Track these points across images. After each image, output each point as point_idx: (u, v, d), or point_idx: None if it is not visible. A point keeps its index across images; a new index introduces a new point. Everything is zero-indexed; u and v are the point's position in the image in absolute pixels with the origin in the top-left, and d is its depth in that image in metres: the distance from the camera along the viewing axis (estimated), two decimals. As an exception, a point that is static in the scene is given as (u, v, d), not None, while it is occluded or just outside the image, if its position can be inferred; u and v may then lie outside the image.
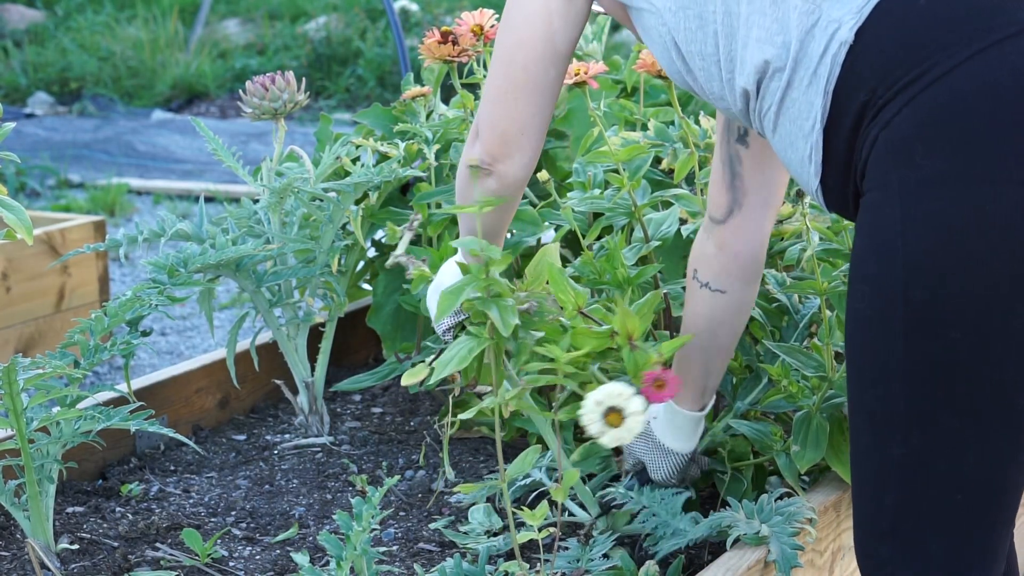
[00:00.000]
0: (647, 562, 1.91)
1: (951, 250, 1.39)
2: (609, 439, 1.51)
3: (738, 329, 1.98)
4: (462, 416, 1.86)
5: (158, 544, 2.16)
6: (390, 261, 2.10)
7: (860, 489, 1.57)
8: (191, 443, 2.24)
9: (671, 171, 2.40)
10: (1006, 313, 1.40)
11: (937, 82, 1.40)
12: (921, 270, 1.41)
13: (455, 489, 2.00)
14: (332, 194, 2.50)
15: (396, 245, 2.54)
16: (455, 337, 1.80)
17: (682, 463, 2.05)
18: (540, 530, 1.74)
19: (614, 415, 1.52)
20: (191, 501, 2.35)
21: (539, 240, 2.68)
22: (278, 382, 2.70)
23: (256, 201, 2.59)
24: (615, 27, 7.02)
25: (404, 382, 1.77)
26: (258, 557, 2.13)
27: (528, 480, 2.22)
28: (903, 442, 1.49)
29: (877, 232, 1.44)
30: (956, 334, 1.41)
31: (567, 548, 1.98)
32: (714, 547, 2.06)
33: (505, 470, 1.89)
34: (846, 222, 2.08)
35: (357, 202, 2.60)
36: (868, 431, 1.52)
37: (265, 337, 2.74)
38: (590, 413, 1.51)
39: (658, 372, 1.57)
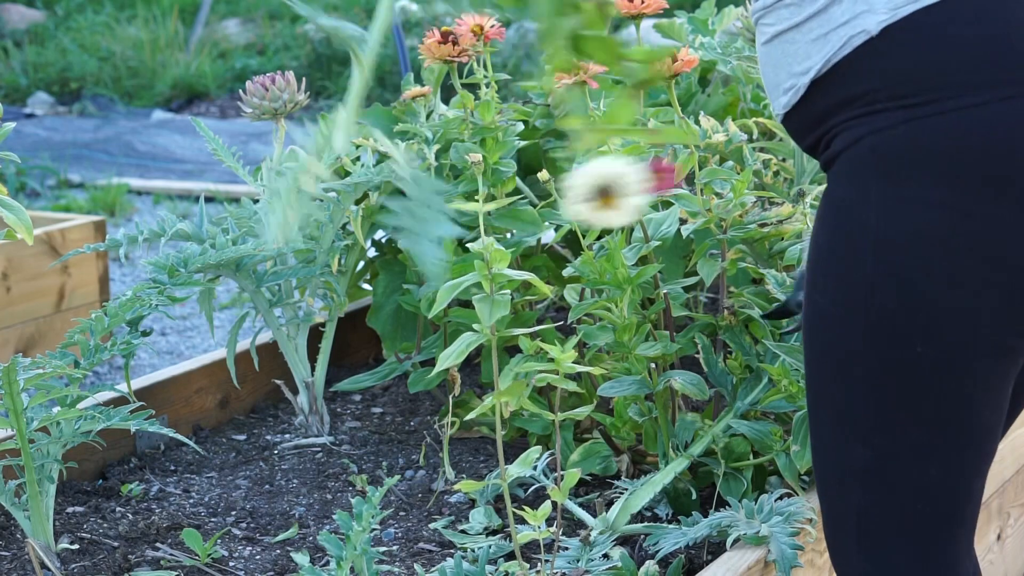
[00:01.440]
0: (647, 562, 1.91)
1: (926, 268, 1.39)
2: (603, 219, 1.25)
3: None
4: (462, 416, 1.87)
5: (158, 544, 2.16)
6: None
7: (825, 487, 1.56)
8: (191, 443, 2.24)
9: (671, 171, 2.40)
10: (972, 330, 1.40)
11: (952, 114, 1.38)
12: (892, 281, 1.41)
13: (455, 488, 2.00)
14: (332, 194, 2.50)
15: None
16: None
17: None
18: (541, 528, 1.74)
19: (607, 198, 1.28)
20: (191, 501, 2.35)
21: (539, 240, 2.68)
22: (278, 382, 2.70)
23: (256, 201, 2.59)
24: (615, 26, 7.00)
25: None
26: (258, 557, 2.13)
27: (528, 474, 2.22)
28: (865, 442, 1.48)
29: (848, 235, 1.44)
30: (921, 347, 1.41)
31: (567, 548, 1.98)
32: (713, 547, 2.06)
33: (506, 470, 1.89)
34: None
35: (357, 202, 2.60)
36: (830, 426, 1.51)
37: (265, 337, 2.74)
38: (579, 190, 1.25)
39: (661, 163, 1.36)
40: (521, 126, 2.57)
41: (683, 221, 2.35)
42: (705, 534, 1.93)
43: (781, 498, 1.99)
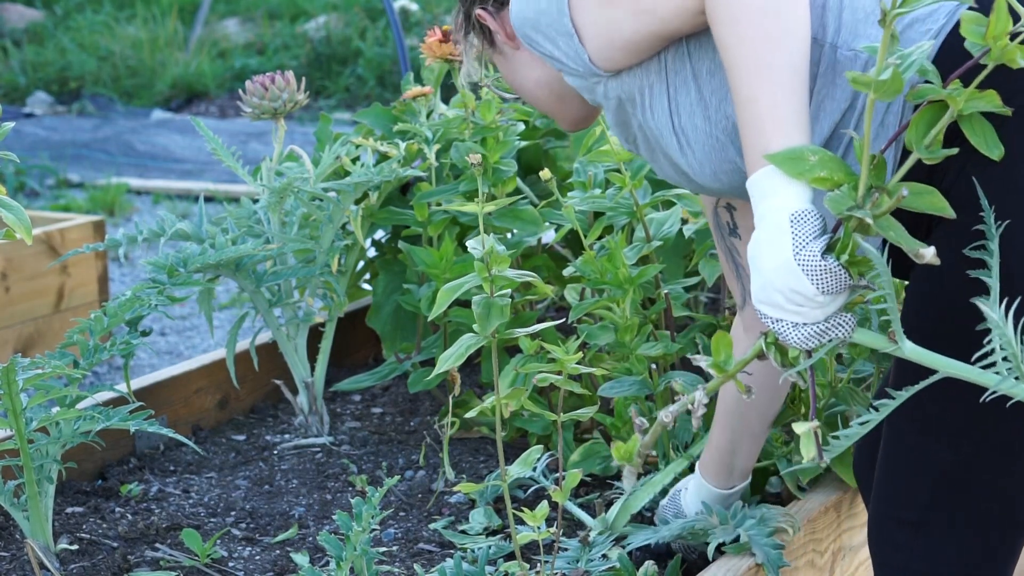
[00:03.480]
0: (646, 562, 1.91)
1: None
2: None
3: (767, 415, 1.97)
4: (462, 416, 1.86)
5: (158, 544, 2.16)
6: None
7: (891, 477, 1.58)
8: (191, 443, 2.24)
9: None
10: None
11: None
12: None
13: (455, 488, 2.00)
14: (332, 194, 2.50)
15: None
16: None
17: None
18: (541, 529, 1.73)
19: None
20: (191, 501, 2.35)
21: (539, 240, 2.68)
22: (278, 382, 2.70)
23: (256, 201, 2.59)
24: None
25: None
26: (258, 557, 2.13)
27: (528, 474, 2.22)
28: (954, 448, 1.51)
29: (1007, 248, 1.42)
30: None
31: (567, 549, 1.98)
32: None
33: (506, 470, 1.89)
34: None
35: (357, 202, 2.60)
36: (917, 431, 1.52)
37: (265, 337, 2.74)
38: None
39: None
40: (522, 126, 2.57)
41: (684, 221, 2.35)
42: (676, 535, 1.94)
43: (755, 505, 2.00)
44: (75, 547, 2.14)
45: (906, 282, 1.59)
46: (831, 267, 1.33)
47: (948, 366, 1.37)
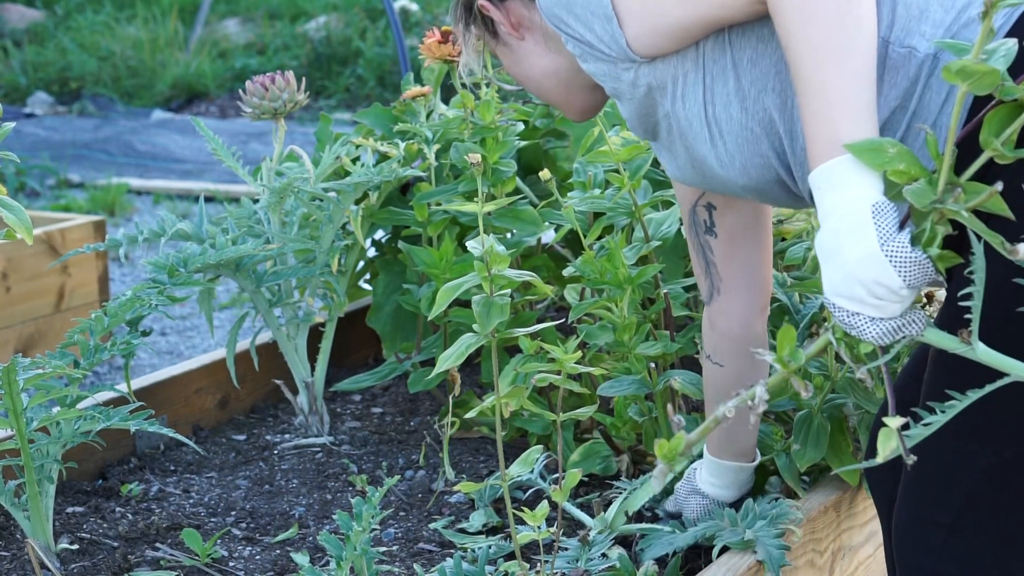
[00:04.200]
0: (646, 562, 1.91)
1: None
2: None
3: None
4: (462, 416, 1.86)
5: (158, 544, 2.16)
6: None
7: (924, 478, 1.57)
8: (191, 443, 2.24)
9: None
10: None
11: None
12: None
13: (455, 488, 2.00)
14: (332, 194, 2.50)
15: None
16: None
17: (713, 507, 2.05)
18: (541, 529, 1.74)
19: None
20: (191, 501, 2.35)
21: (539, 240, 2.68)
22: (278, 382, 2.70)
23: (256, 201, 2.59)
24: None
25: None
26: (258, 557, 2.13)
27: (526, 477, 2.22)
28: (995, 453, 1.50)
29: None
30: None
31: (567, 548, 1.98)
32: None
33: (506, 470, 1.89)
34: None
35: (357, 202, 2.60)
36: (957, 434, 1.49)
37: (265, 337, 2.74)
38: None
39: None
40: (521, 126, 2.57)
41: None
42: (691, 542, 1.95)
43: (769, 501, 2.00)
44: (75, 547, 2.14)
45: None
46: (920, 259, 1.31)
47: (1021, 371, 1.34)
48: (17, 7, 10.53)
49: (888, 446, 1.31)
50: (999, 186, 1.28)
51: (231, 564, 2.10)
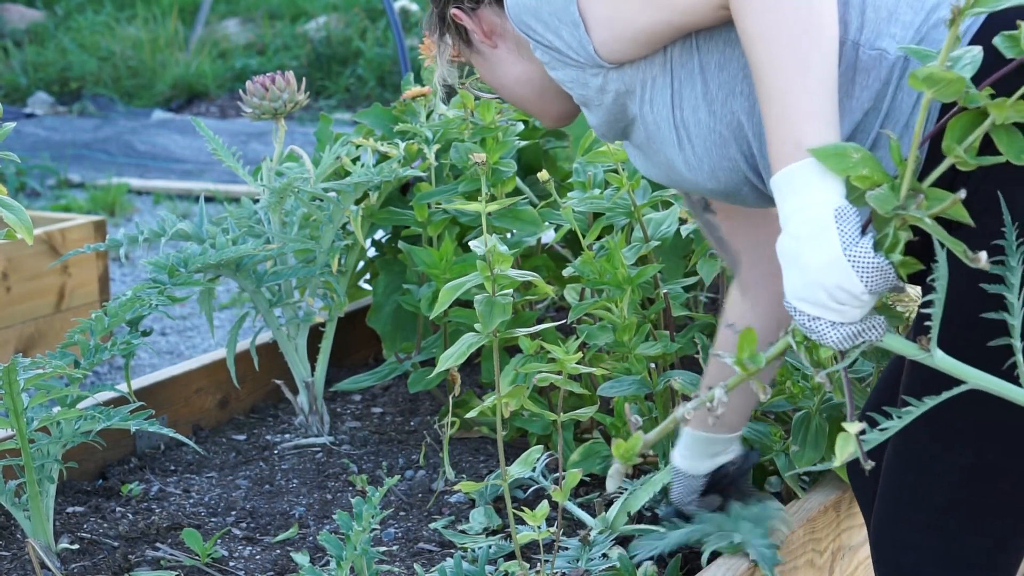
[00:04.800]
0: (645, 562, 1.92)
1: None
2: None
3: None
4: (462, 416, 1.86)
5: (158, 544, 2.16)
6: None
7: (903, 478, 1.57)
8: (191, 443, 2.24)
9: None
10: None
11: None
12: None
13: (455, 488, 2.00)
14: (332, 194, 2.50)
15: None
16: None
17: (692, 485, 2.00)
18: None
19: None
20: (191, 501, 2.35)
21: (539, 240, 2.68)
22: (278, 382, 2.70)
23: (256, 201, 2.59)
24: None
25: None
26: (258, 557, 2.13)
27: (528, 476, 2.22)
28: (977, 454, 1.50)
29: None
30: None
31: (567, 548, 1.98)
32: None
33: (506, 470, 1.89)
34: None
35: (357, 202, 2.60)
36: (934, 435, 1.50)
37: (265, 337, 2.74)
38: None
39: None
40: (521, 126, 2.57)
41: (683, 221, 2.35)
42: (680, 543, 1.93)
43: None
44: (76, 546, 2.14)
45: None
46: (882, 265, 1.31)
47: (978, 379, 1.35)
48: (17, 7, 10.53)
49: (845, 451, 1.32)
50: (962, 194, 1.28)
51: (231, 564, 2.11)
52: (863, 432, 1.34)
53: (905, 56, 1.50)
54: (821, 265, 1.33)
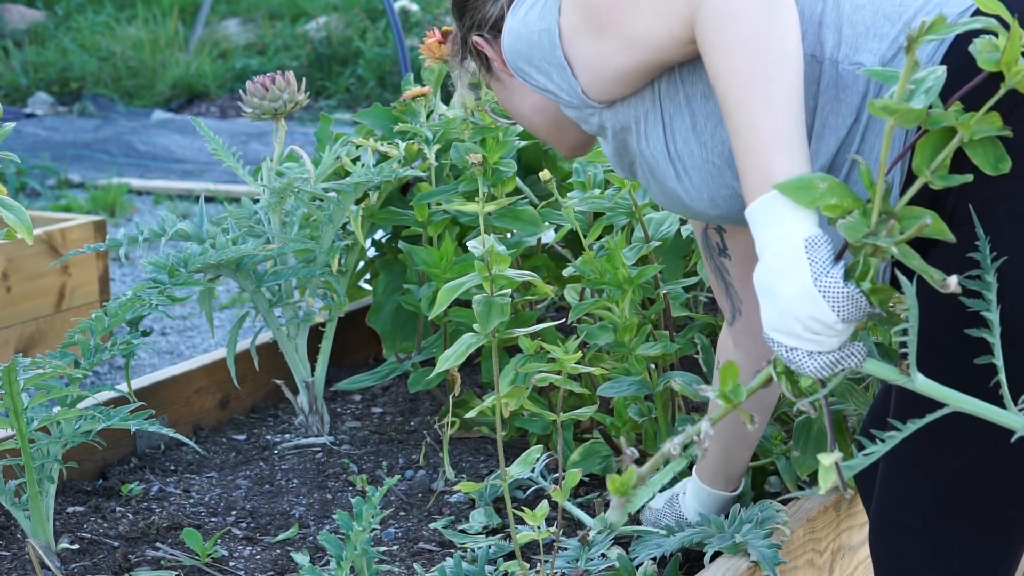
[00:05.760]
0: (644, 562, 1.92)
1: None
2: None
3: (759, 422, 1.97)
4: (462, 416, 1.86)
5: (158, 544, 2.16)
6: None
7: (894, 482, 1.57)
8: (191, 443, 2.24)
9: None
10: None
11: None
12: None
13: (455, 488, 2.00)
14: (332, 194, 2.50)
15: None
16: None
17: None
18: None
19: None
20: (191, 501, 2.35)
21: (539, 240, 2.68)
22: (278, 382, 2.70)
23: (256, 201, 2.59)
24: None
25: None
26: (258, 557, 2.13)
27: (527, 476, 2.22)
28: (961, 457, 1.50)
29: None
30: None
31: (567, 548, 1.98)
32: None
33: (506, 470, 1.89)
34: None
35: (357, 202, 2.60)
36: (923, 438, 1.48)
37: (265, 337, 2.74)
38: None
39: None
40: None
41: (683, 221, 2.35)
42: (678, 547, 1.94)
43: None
44: (76, 546, 2.14)
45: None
46: (852, 294, 1.31)
47: (960, 401, 1.35)
48: (18, 7, 10.54)
49: (828, 480, 1.32)
50: (928, 220, 1.28)
51: (231, 564, 2.11)
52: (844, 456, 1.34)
53: (882, 68, 1.50)
54: (793, 296, 1.33)
